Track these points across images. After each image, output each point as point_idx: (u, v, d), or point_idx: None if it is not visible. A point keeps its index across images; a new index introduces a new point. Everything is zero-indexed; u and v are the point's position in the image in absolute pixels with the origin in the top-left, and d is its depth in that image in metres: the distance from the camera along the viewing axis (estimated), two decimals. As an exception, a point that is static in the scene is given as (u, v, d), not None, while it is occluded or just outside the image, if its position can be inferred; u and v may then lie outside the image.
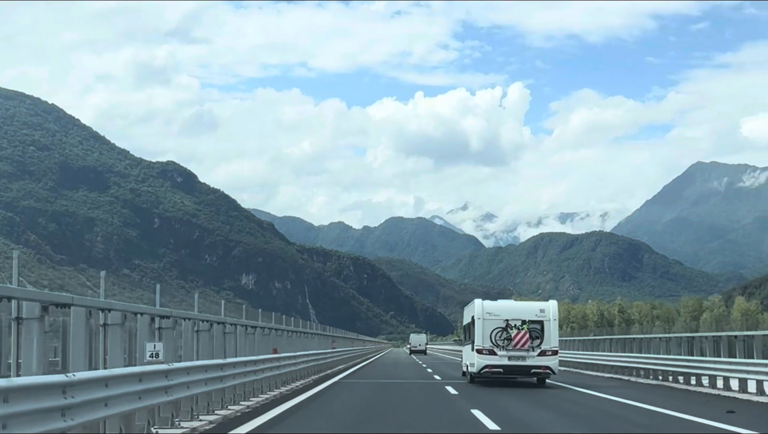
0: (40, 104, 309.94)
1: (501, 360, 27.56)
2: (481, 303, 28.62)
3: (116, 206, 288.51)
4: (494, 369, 27.64)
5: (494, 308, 28.50)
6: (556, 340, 28.09)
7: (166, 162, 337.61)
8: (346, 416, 17.66)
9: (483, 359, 27.68)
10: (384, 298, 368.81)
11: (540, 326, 27.85)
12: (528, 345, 27.44)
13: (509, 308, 28.81)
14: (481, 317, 28.08)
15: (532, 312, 28.24)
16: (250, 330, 22.93)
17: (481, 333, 27.90)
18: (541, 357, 27.53)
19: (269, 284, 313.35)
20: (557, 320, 28.36)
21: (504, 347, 27.55)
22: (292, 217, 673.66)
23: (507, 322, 27.80)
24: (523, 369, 27.81)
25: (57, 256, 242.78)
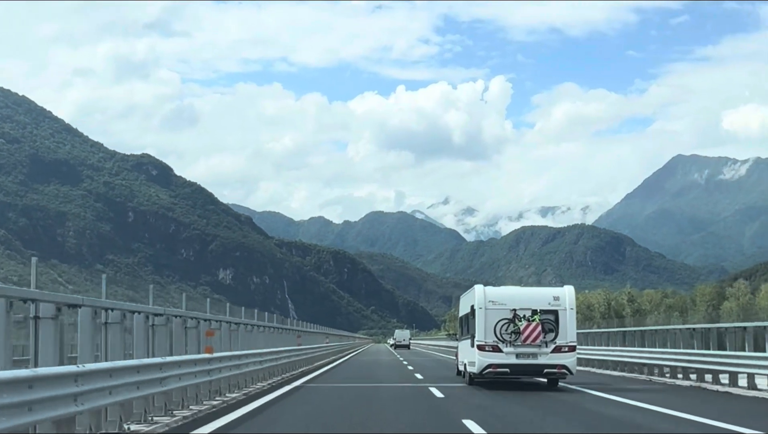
0: (11, 96, 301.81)
1: (507, 358, 22.33)
2: (483, 290, 23.23)
3: (89, 200, 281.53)
4: (499, 368, 22.40)
5: (499, 295, 23.14)
6: (574, 333, 22.78)
7: (141, 155, 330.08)
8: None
9: (485, 357, 22.41)
10: (365, 293, 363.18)
11: (554, 316, 22.63)
12: (540, 340, 22.22)
13: (517, 296, 23.46)
14: (482, 306, 22.74)
15: (545, 300, 22.91)
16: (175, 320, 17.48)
17: (483, 326, 22.58)
18: (556, 353, 22.34)
19: (247, 279, 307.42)
20: (575, 309, 23.01)
21: (511, 342, 22.29)
22: (272, 212, 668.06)
23: (514, 312, 22.52)
24: (534, 368, 22.65)
25: (27, 251, 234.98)
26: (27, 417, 8.68)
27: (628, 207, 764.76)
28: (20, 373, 8.73)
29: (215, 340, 19.44)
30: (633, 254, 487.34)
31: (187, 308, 19.00)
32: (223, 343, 21.28)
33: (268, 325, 29.70)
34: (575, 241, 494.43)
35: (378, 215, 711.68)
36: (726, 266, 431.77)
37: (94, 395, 10.38)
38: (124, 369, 11.70)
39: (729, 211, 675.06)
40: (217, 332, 20.84)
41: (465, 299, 26.41)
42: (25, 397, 8.62)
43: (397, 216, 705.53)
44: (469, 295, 25.07)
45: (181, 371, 14.83)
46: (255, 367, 22.81)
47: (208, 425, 13.80)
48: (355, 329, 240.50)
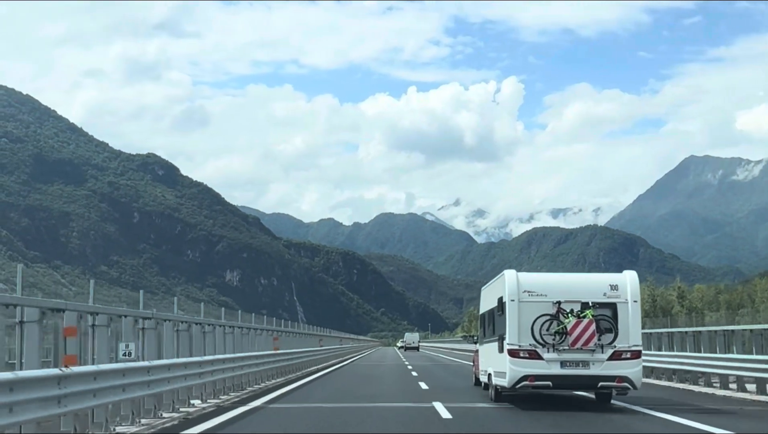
0: (14, 95, 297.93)
1: (549, 368, 16.78)
2: (516, 277, 17.58)
3: (93, 200, 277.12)
4: (538, 381, 16.85)
5: (537, 284, 17.50)
6: (639, 334, 17.17)
7: (146, 155, 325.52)
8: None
9: (520, 365, 16.86)
10: (375, 294, 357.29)
11: (612, 311, 17.03)
12: (594, 343, 16.63)
13: (561, 285, 17.80)
14: (515, 298, 17.15)
15: (599, 290, 17.26)
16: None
17: (516, 325, 17.02)
18: (615, 361, 16.75)
19: (255, 280, 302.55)
20: (639, 302, 17.32)
21: (554, 346, 16.77)
22: (281, 214, 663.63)
23: (559, 306, 16.96)
24: (586, 381, 17.05)
25: (30, 253, 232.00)
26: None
27: (641, 208, 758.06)
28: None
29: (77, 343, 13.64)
30: (646, 256, 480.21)
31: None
32: (148, 348, 15.94)
33: (230, 324, 24.00)
34: (588, 242, 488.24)
35: (388, 216, 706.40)
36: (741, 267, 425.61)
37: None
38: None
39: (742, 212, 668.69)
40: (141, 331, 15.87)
41: (490, 291, 20.78)
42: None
43: (407, 218, 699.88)
44: (496, 284, 19.45)
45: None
46: (189, 381, 16.52)
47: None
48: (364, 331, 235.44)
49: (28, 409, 9.19)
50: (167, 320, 17.14)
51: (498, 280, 18.93)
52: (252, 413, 16.54)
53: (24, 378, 9.07)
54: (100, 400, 11.28)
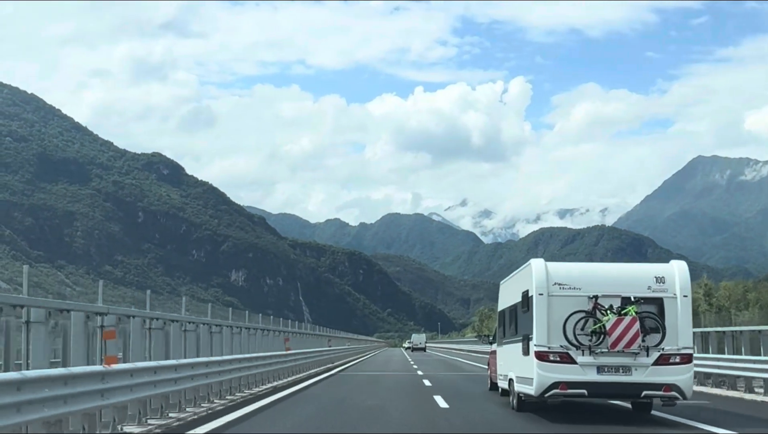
0: (18, 94, 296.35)
1: (585, 374, 14.41)
2: (545, 267, 15.09)
3: (98, 199, 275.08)
4: (572, 389, 14.47)
5: (570, 275, 15.04)
6: (689, 335, 14.75)
7: (151, 154, 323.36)
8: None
9: (550, 370, 14.50)
10: (381, 295, 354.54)
11: (658, 308, 14.63)
12: (638, 344, 14.20)
13: (599, 276, 15.24)
14: (545, 291, 14.75)
15: (642, 282, 14.82)
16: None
17: (545, 323, 14.62)
18: (662, 366, 14.37)
19: (260, 280, 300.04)
20: (690, 297, 14.84)
21: (591, 348, 14.37)
22: (288, 214, 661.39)
23: (595, 301, 14.55)
24: (628, 389, 14.60)
25: (34, 252, 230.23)
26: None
27: (648, 209, 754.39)
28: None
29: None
30: (655, 256, 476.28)
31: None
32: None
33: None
34: (595, 243, 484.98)
35: (394, 217, 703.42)
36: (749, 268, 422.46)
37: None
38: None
39: (751, 212, 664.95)
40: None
41: (511, 284, 18.33)
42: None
43: (413, 218, 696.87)
44: (519, 276, 17.01)
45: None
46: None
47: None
48: (371, 332, 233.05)
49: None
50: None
51: (522, 271, 16.49)
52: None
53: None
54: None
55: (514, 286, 17.36)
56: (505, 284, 19.46)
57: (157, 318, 16.00)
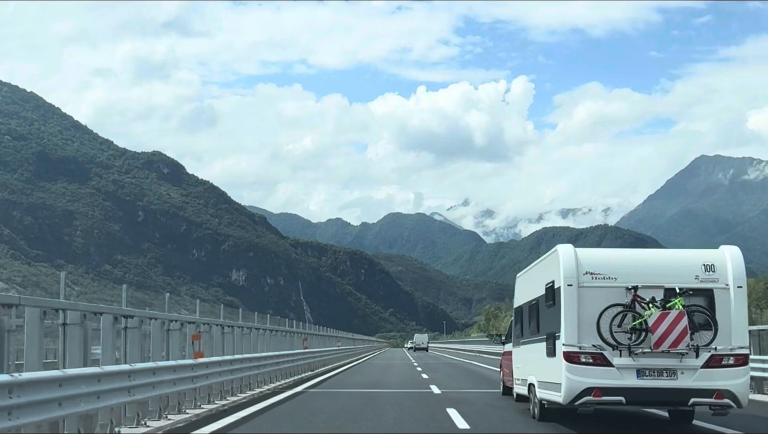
0: (18, 92, 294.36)
1: (622, 377, 12.29)
2: (574, 253, 12.91)
3: (97, 198, 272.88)
4: (607, 395, 12.30)
5: (604, 263, 12.89)
6: (745, 332, 12.57)
7: (151, 153, 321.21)
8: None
9: (581, 374, 12.36)
10: (383, 295, 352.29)
11: (707, 300, 12.51)
12: (685, 343, 12.03)
13: (637, 264, 13.08)
14: (574, 282, 12.60)
15: (688, 271, 12.68)
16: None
17: (574, 318, 12.48)
18: (714, 369, 12.24)
19: (261, 280, 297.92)
20: (744, 287, 12.70)
21: (630, 348, 12.21)
22: (289, 214, 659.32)
23: (634, 293, 12.43)
24: (673, 395, 12.39)
25: (32, 251, 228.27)
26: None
27: (651, 208, 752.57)
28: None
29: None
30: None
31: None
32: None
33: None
34: (598, 242, 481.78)
35: (396, 216, 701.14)
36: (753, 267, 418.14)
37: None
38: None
39: (754, 212, 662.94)
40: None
41: (531, 276, 16.18)
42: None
43: (415, 218, 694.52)
44: (542, 266, 14.85)
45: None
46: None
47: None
48: (372, 332, 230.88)
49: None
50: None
51: (546, 260, 14.33)
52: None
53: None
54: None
55: (536, 278, 15.23)
56: (524, 277, 17.33)
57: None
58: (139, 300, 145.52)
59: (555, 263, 13.08)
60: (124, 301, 14.99)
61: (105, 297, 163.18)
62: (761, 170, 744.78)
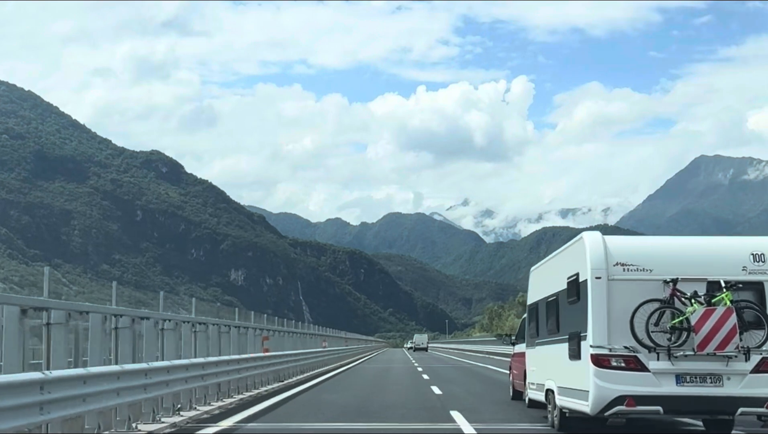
0: (15, 91, 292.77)
1: (659, 384, 10.73)
2: (603, 242, 11.46)
3: (96, 197, 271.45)
4: (642, 404, 10.72)
5: (638, 252, 11.33)
6: None
7: (150, 152, 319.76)
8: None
9: (612, 380, 10.79)
10: (382, 294, 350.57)
11: (758, 295, 10.95)
12: (734, 344, 10.49)
13: (676, 253, 11.49)
14: (603, 274, 11.04)
15: (735, 262, 11.17)
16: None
17: (603, 315, 10.92)
18: (765, 374, 10.61)
19: (260, 280, 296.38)
20: (801, 278, 11.15)
21: (669, 349, 10.62)
22: (288, 214, 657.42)
23: (674, 287, 10.76)
24: (718, 404, 10.79)
25: (30, 251, 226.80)
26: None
27: (651, 208, 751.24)
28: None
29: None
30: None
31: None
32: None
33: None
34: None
35: (396, 216, 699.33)
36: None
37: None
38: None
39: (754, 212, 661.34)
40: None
41: (549, 269, 14.59)
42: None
43: (414, 217, 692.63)
44: (564, 257, 13.26)
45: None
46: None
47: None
48: (371, 332, 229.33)
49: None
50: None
51: (569, 249, 12.73)
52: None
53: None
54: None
55: (555, 270, 13.63)
56: (540, 270, 15.73)
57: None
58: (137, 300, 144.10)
59: (580, 253, 11.52)
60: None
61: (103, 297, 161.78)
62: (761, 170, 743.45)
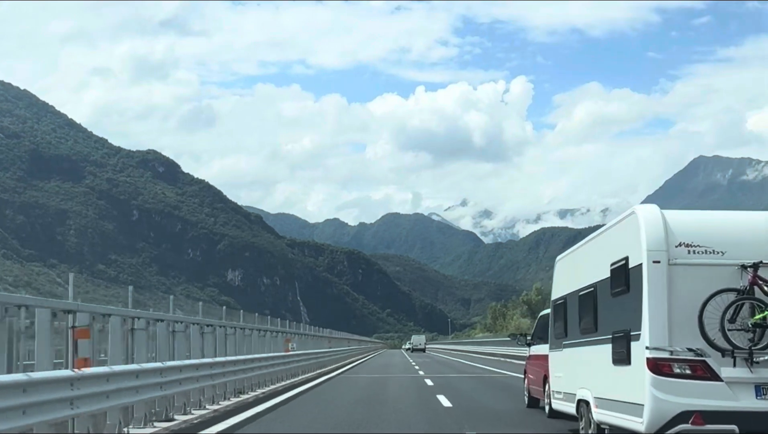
0: (11, 90, 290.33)
1: (735, 396, 8.47)
2: (662, 217, 9.06)
3: (91, 197, 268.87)
4: (712, 422, 8.40)
5: (706, 230, 8.98)
6: None
7: (146, 151, 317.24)
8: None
9: (674, 392, 8.53)
10: (380, 295, 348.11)
11: None
12: None
13: (754, 232, 9.09)
14: (663, 256, 8.72)
15: None
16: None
17: (663, 309, 8.61)
18: None
19: (257, 280, 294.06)
20: None
21: (751, 353, 8.33)
22: (286, 214, 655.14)
23: (754, 273, 8.65)
24: None
25: (25, 251, 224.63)
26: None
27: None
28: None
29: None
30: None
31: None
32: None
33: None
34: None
35: (394, 216, 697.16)
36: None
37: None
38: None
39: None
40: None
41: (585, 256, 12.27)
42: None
43: (413, 218, 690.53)
44: (606, 240, 10.94)
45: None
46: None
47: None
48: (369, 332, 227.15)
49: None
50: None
51: (616, 227, 10.38)
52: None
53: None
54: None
55: (592, 257, 11.36)
56: (569, 259, 13.46)
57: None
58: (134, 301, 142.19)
59: (631, 232, 9.26)
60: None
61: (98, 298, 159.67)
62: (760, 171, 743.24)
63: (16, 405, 8.30)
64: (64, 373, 9.74)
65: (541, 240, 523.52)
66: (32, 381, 8.61)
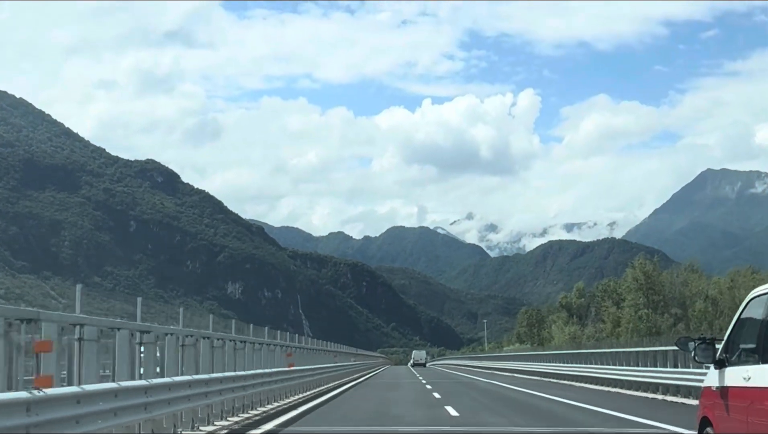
0: (6, 98, 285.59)
1: None
2: None
3: (87, 207, 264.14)
4: None
5: None
6: None
7: (145, 161, 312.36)
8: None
9: None
10: (385, 308, 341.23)
11: None
12: None
13: None
14: None
15: None
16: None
17: None
18: None
19: (258, 293, 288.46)
20: None
21: None
22: (290, 227, 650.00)
23: None
24: None
25: (18, 263, 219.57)
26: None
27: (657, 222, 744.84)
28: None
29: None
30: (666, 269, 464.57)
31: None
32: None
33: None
34: (605, 256, 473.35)
35: (399, 230, 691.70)
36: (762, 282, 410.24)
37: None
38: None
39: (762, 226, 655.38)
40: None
41: None
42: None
43: (418, 231, 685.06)
44: None
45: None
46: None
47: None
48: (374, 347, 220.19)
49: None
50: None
51: None
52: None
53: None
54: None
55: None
56: None
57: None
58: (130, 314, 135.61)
59: None
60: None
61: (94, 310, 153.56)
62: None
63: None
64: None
65: (548, 253, 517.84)
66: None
